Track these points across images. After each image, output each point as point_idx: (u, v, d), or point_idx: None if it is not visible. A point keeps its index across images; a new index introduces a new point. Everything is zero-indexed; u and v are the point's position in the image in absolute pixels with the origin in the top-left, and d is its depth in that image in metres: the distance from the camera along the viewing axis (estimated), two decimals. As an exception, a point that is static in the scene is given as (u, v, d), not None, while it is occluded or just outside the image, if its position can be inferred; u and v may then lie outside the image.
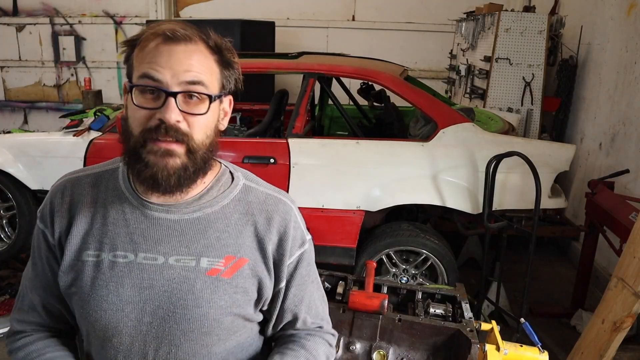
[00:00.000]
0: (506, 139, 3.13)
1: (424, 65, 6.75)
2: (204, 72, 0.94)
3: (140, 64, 0.93)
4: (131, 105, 0.93)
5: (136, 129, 0.93)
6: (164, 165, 0.93)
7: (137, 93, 0.92)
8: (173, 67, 0.91)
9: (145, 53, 0.92)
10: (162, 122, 0.91)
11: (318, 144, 3.13)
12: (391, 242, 3.12)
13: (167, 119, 0.90)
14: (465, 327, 1.52)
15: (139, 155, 0.93)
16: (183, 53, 0.92)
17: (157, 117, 0.91)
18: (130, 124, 0.95)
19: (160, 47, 0.92)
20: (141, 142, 0.92)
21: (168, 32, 0.91)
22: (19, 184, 3.36)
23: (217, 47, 0.97)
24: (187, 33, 0.92)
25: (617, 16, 3.91)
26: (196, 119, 0.94)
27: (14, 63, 7.49)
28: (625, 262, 2.42)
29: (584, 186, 3.71)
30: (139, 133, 0.93)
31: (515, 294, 3.56)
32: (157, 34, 0.92)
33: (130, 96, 0.93)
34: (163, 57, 0.91)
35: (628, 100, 3.65)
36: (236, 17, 5.94)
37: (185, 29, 0.93)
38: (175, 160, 0.93)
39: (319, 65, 3.32)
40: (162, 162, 0.93)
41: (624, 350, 2.60)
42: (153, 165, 0.93)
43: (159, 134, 0.91)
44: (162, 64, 0.91)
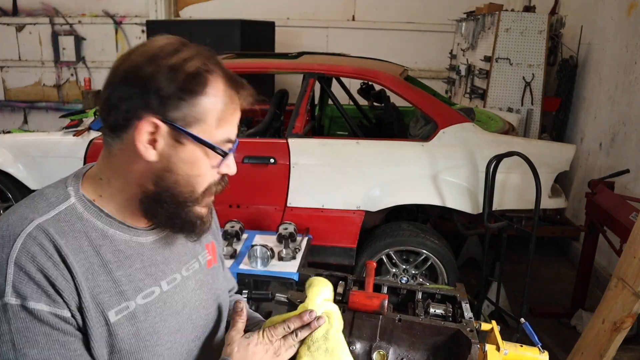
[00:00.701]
0: (506, 139, 3.13)
1: (424, 65, 6.75)
2: None
3: (222, 122, 0.85)
4: (203, 165, 0.86)
5: (202, 187, 0.88)
6: (210, 213, 0.94)
7: (212, 153, 0.86)
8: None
9: (231, 115, 0.87)
10: (224, 176, 0.91)
11: (318, 144, 3.13)
12: (391, 242, 3.12)
13: (233, 172, 0.90)
14: (465, 327, 1.52)
15: (199, 214, 0.90)
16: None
17: (222, 172, 0.90)
18: (194, 183, 0.86)
19: (234, 104, 0.88)
20: (200, 198, 0.89)
21: (251, 98, 0.91)
22: (19, 184, 3.36)
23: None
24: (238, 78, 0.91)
25: (617, 16, 3.91)
26: None
27: (14, 63, 7.49)
28: (626, 262, 2.42)
29: (584, 186, 3.71)
30: (203, 190, 0.89)
31: (515, 294, 3.56)
32: (243, 97, 0.89)
33: (220, 162, 0.88)
34: (236, 117, 0.89)
35: (628, 100, 3.65)
36: (236, 17, 5.94)
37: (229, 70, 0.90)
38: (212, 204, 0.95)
39: (319, 65, 3.32)
40: (210, 211, 0.94)
41: (624, 350, 2.60)
42: (208, 220, 0.92)
43: (221, 187, 0.91)
44: (236, 124, 0.90)
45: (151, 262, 0.91)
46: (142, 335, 0.86)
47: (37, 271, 0.76)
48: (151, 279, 0.90)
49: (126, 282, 0.86)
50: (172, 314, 0.92)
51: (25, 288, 0.76)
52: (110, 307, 0.83)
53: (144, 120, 0.80)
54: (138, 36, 7.12)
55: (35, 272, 0.76)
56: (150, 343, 0.87)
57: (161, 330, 0.89)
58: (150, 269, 0.91)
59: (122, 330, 0.84)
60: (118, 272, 0.86)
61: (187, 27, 5.63)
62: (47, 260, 0.77)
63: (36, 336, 0.76)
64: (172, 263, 0.95)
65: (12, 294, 0.75)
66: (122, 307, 0.85)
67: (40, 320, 0.76)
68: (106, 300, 0.83)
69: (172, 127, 0.81)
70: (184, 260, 0.98)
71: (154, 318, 0.89)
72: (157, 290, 0.91)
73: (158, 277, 0.92)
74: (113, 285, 0.84)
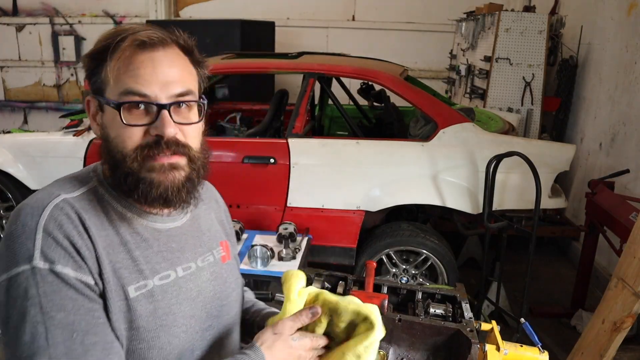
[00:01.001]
0: (506, 139, 3.13)
1: (424, 65, 6.75)
2: (188, 79, 0.90)
3: (119, 77, 0.85)
4: (117, 123, 0.86)
5: (129, 149, 0.86)
6: (171, 181, 0.88)
7: (124, 112, 0.85)
8: (159, 79, 0.86)
9: (122, 64, 0.84)
10: (161, 137, 0.86)
11: (318, 144, 3.13)
12: (391, 242, 3.12)
13: (166, 133, 0.86)
14: (465, 327, 1.52)
15: (139, 176, 0.86)
16: (165, 60, 0.87)
17: (153, 133, 0.86)
18: (118, 144, 0.87)
19: (139, 57, 0.85)
20: (139, 161, 0.86)
21: (144, 38, 0.85)
22: (19, 184, 3.36)
23: (189, 46, 0.93)
24: (162, 37, 0.87)
25: (617, 16, 3.91)
26: (190, 128, 0.91)
27: (14, 63, 7.49)
28: (626, 262, 2.42)
29: (584, 186, 3.70)
30: (133, 152, 0.86)
31: (515, 294, 3.56)
32: (132, 42, 0.84)
33: (117, 114, 0.85)
34: (146, 68, 0.85)
35: (628, 100, 3.65)
36: (236, 17, 5.94)
37: (157, 32, 0.87)
38: (180, 172, 0.89)
39: (319, 65, 3.32)
40: (168, 177, 0.88)
41: (624, 350, 2.60)
42: (159, 184, 0.87)
43: (158, 150, 0.86)
44: (147, 76, 0.85)
45: (167, 248, 0.95)
46: (159, 314, 0.89)
47: (64, 238, 0.81)
48: (167, 263, 0.93)
49: (144, 262, 0.90)
50: (186, 299, 0.94)
51: (53, 253, 0.80)
52: (129, 283, 0.87)
53: (87, 99, 0.93)
54: (138, 36, 7.12)
55: (62, 239, 0.81)
56: (166, 323, 0.90)
57: (177, 313, 0.92)
58: (166, 254, 0.94)
59: (141, 306, 0.87)
60: (136, 252, 0.90)
61: (187, 27, 5.45)
62: (72, 229, 0.82)
63: (63, 300, 0.79)
64: (187, 252, 0.98)
65: (41, 257, 0.79)
66: (140, 284, 0.88)
67: (67, 284, 0.80)
68: (126, 276, 0.87)
69: (94, 97, 0.90)
70: (199, 252, 1.01)
71: (170, 300, 0.92)
72: (172, 275, 0.93)
73: (174, 262, 0.95)
74: (132, 263, 0.88)
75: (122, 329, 0.85)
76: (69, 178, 0.92)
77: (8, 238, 0.81)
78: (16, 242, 0.80)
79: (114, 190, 0.91)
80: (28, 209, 0.83)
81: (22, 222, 0.81)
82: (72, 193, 0.88)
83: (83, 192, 0.89)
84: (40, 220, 0.81)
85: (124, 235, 0.89)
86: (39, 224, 0.81)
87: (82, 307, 0.80)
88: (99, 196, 0.90)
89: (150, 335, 0.88)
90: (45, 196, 0.85)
